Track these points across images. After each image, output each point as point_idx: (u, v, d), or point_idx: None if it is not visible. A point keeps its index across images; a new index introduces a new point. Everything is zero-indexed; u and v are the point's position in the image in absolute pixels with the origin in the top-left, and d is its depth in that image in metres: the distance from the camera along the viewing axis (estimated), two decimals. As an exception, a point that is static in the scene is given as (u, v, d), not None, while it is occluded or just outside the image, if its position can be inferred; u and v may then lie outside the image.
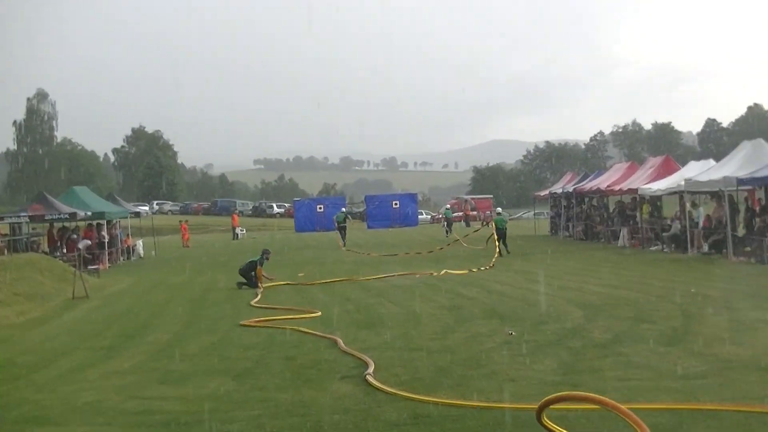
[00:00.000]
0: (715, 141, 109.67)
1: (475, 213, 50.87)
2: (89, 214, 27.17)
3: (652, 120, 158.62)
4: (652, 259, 20.94)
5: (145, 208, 50.87)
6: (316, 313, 12.88)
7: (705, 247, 21.41)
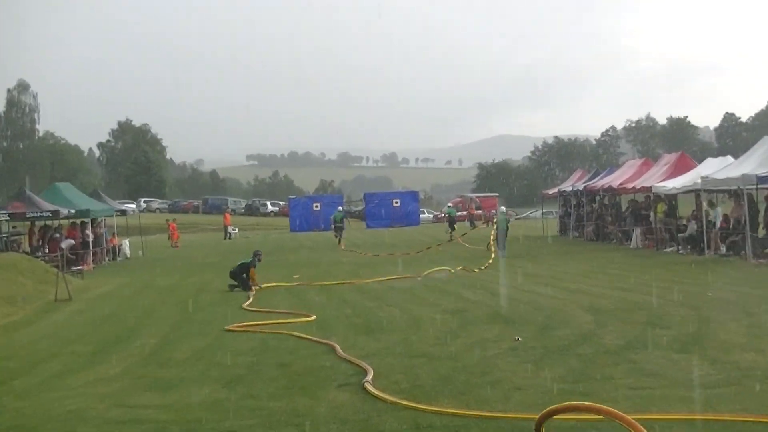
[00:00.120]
0: (734, 136, 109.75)
1: (480, 212, 50.85)
2: (73, 212, 27.18)
3: (667, 114, 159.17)
4: (667, 261, 20.94)
5: (131, 206, 50.99)
6: (311, 317, 12.89)
7: (722, 249, 21.41)
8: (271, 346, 10.62)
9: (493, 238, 25.02)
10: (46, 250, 25.53)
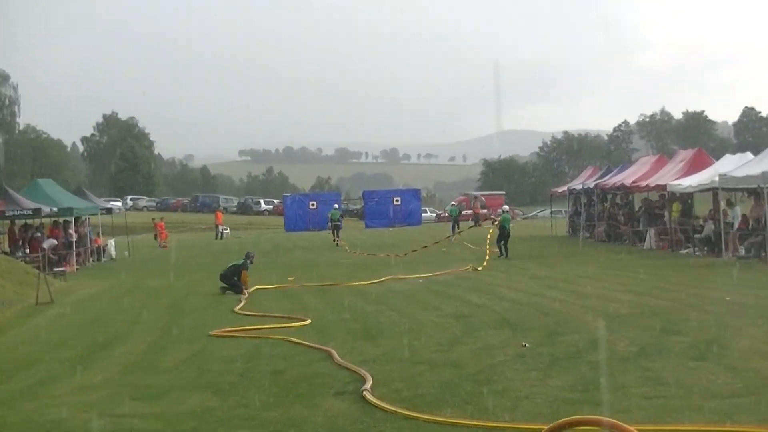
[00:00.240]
0: (754, 132, 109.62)
1: (485, 211, 50.85)
2: (55, 210, 27.17)
3: (683, 108, 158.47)
4: (683, 264, 20.95)
5: (117, 204, 50.88)
6: (306, 321, 12.90)
7: (741, 251, 21.41)
8: (265, 352, 10.62)
9: (490, 238, 25.38)
10: (27, 251, 25.53)
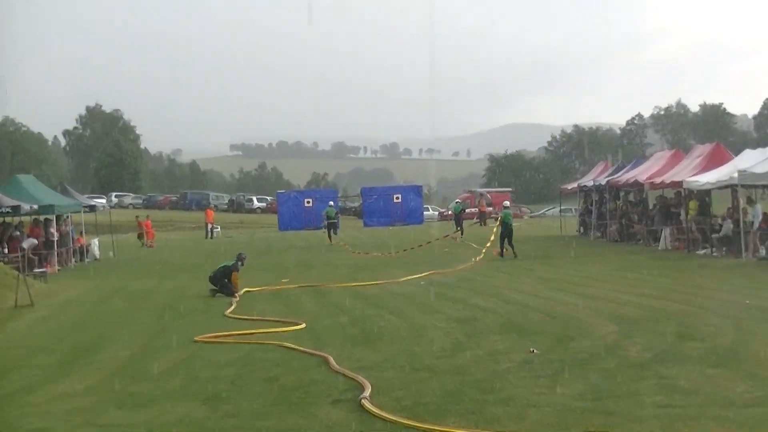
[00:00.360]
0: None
1: (491, 209, 50.85)
2: (35, 207, 27.13)
3: (700, 101, 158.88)
4: (700, 265, 20.96)
5: (101, 202, 51.01)
6: (300, 325, 12.91)
7: (762, 251, 21.42)
8: (257, 358, 10.62)
9: (494, 238, 25.54)
10: (5, 251, 25.50)
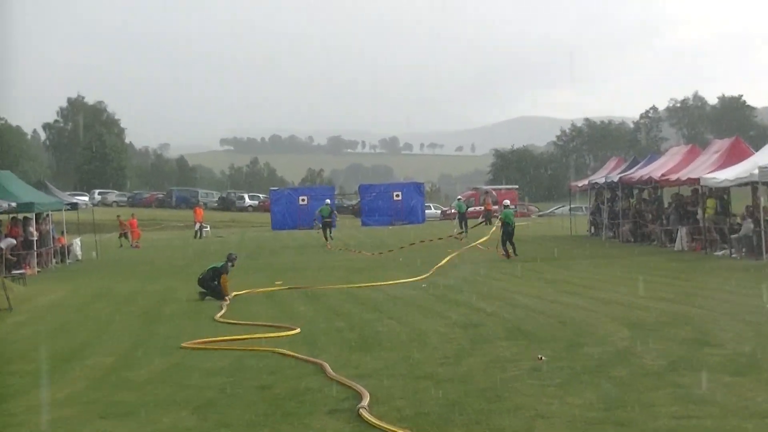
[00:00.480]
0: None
1: (497, 207, 50.80)
2: (14, 205, 27.15)
3: (719, 92, 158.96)
4: (718, 267, 20.97)
5: (84, 199, 51.00)
6: (295, 330, 12.91)
7: (783, 252, 21.40)
8: (249, 365, 10.62)
9: (486, 238, 25.99)
10: (-18, 251, 25.50)
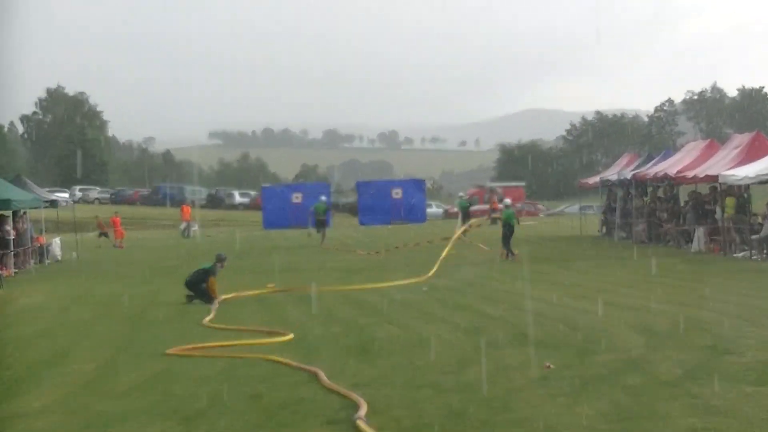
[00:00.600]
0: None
1: (501, 206, 50.88)
2: (-10, 202, 27.11)
3: (738, 84, 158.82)
4: (737, 269, 20.99)
5: (64, 196, 50.87)
6: (288, 335, 12.91)
7: (806, 254, 21.43)
8: (240, 372, 10.63)
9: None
10: (-44, 251, 25.49)
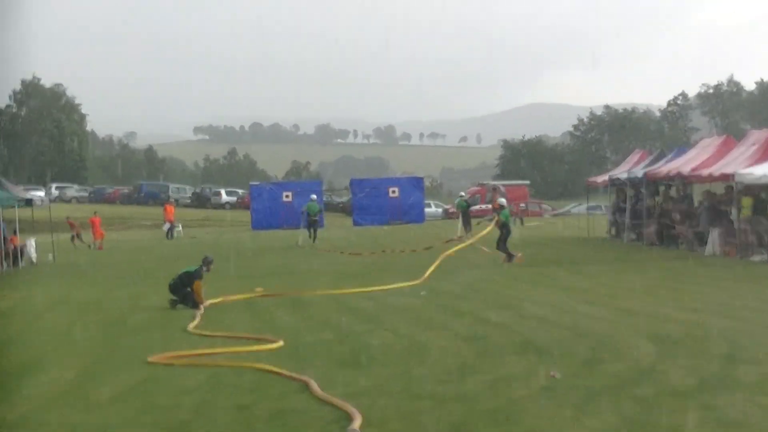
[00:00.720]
0: None
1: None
2: (-39, 201, 27.11)
3: (756, 77, 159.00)
4: (755, 274, 20.99)
5: (39, 194, 50.80)
6: (277, 342, 12.90)
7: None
8: (226, 382, 10.62)
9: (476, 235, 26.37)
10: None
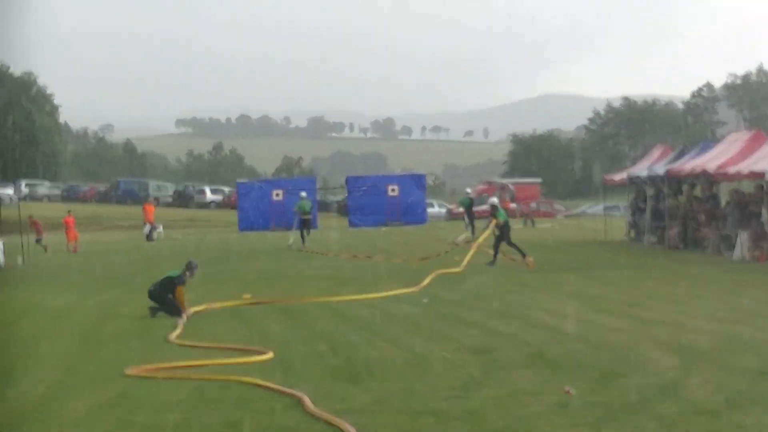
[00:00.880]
0: None
1: (514, 206, 50.85)
2: None
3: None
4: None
5: (8, 192, 50.78)
6: (267, 354, 12.88)
7: None
8: (211, 396, 10.61)
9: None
10: None
